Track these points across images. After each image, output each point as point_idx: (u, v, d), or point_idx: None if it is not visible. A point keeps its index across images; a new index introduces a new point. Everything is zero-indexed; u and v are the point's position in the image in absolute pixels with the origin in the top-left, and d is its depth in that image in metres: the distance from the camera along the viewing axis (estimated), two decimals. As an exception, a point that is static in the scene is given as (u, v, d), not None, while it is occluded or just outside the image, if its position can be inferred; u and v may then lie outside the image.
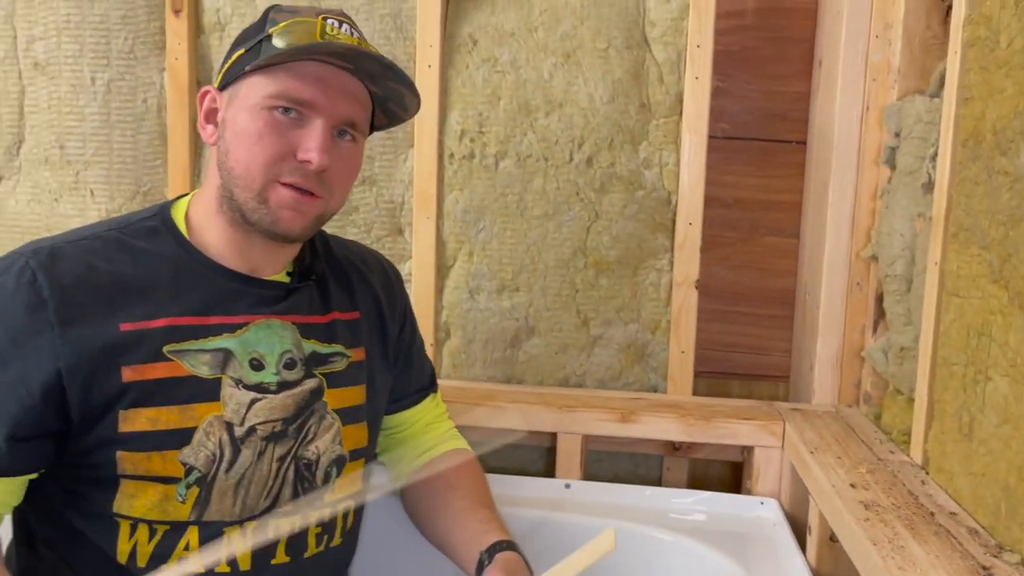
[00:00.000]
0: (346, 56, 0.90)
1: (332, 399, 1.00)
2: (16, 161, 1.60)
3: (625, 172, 1.48)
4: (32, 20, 1.55)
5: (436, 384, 1.24)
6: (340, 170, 0.94)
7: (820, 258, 1.43)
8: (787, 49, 1.54)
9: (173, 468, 0.89)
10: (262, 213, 0.91)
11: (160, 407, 0.88)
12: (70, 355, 0.85)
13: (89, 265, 0.89)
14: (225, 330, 0.93)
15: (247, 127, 0.90)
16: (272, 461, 0.95)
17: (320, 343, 1.01)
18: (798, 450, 1.23)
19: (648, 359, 1.52)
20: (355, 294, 1.09)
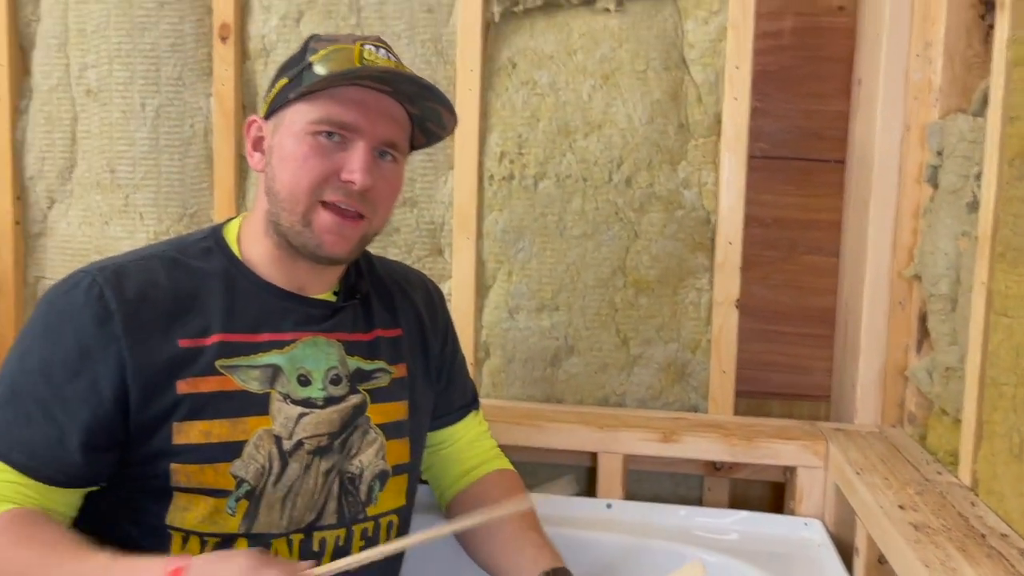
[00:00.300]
0: (384, 79, 0.93)
1: (375, 414, 1.03)
2: (69, 185, 1.64)
3: (664, 192, 1.48)
4: (85, 48, 1.60)
5: (478, 402, 1.25)
6: (382, 189, 0.97)
7: (861, 277, 1.43)
8: (825, 69, 1.54)
9: (225, 481, 0.92)
10: (307, 237, 0.94)
11: (212, 420, 0.92)
12: (134, 367, 0.89)
13: (150, 282, 0.93)
14: (274, 347, 0.97)
15: (292, 152, 0.94)
16: (318, 475, 0.97)
17: (363, 360, 1.04)
18: (843, 471, 1.22)
19: (688, 379, 1.52)
20: (397, 312, 1.11)
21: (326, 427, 0.98)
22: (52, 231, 1.66)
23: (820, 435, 1.37)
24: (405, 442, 1.07)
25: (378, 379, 1.05)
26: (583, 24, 1.49)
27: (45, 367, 0.89)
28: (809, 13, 1.53)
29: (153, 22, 1.57)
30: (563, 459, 1.50)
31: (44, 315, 0.92)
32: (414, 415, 1.09)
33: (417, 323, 1.13)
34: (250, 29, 1.57)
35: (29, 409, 0.88)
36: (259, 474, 0.94)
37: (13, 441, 0.88)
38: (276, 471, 0.95)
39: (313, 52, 0.96)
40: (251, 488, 0.93)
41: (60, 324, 0.90)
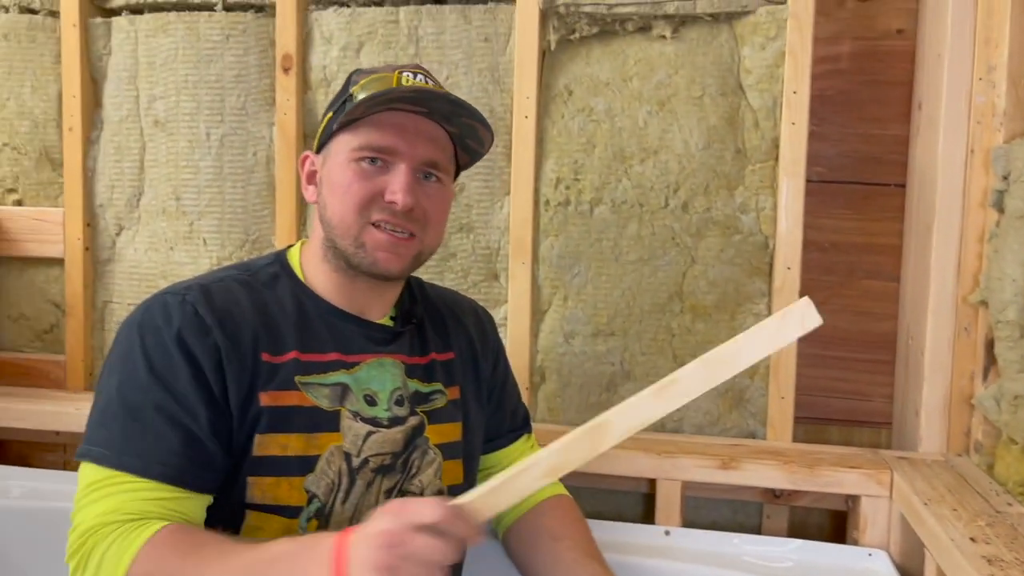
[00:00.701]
0: (415, 99, 0.96)
1: (433, 435, 1.05)
2: (136, 212, 1.69)
3: (721, 217, 1.48)
4: (153, 81, 1.65)
5: (530, 426, 1.26)
6: (429, 208, 1.00)
7: (924, 302, 1.41)
8: (884, 92, 1.53)
9: (297, 496, 0.95)
10: (362, 256, 0.98)
11: (290, 434, 0.95)
12: (232, 378, 0.93)
13: (232, 301, 0.98)
14: (342, 367, 1.00)
15: (339, 180, 0.98)
16: (380, 493, 1.00)
17: (421, 382, 1.07)
18: (909, 501, 1.20)
19: (746, 404, 1.51)
20: (449, 336, 1.14)
21: (390, 446, 1.01)
22: (120, 257, 1.71)
23: (884, 463, 1.34)
24: (459, 463, 1.09)
25: (435, 400, 1.08)
26: (639, 51, 1.50)
27: (160, 378, 0.90)
28: (867, 37, 1.53)
29: (218, 54, 1.62)
30: (620, 485, 1.49)
31: (139, 335, 0.93)
32: (468, 436, 1.11)
33: (468, 346, 1.16)
34: (311, 60, 1.61)
35: (155, 422, 0.89)
36: (329, 490, 0.96)
37: (150, 456, 0.88)
38: (344, 487, 0.97)
39: (355, 84, 1.01)
40: (321, 506, 0.96)
41: (162, 339, 0.92)
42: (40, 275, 1.76)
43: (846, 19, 1.53)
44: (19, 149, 1.73)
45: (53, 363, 1.74)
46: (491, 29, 1.54)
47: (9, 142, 1.73)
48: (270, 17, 1.62)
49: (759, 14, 1.45)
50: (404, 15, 1.56)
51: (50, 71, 1.72)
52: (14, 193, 1.75)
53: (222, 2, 1.62)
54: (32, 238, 1.72)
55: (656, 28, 1.48)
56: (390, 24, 1.57)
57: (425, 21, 1.56)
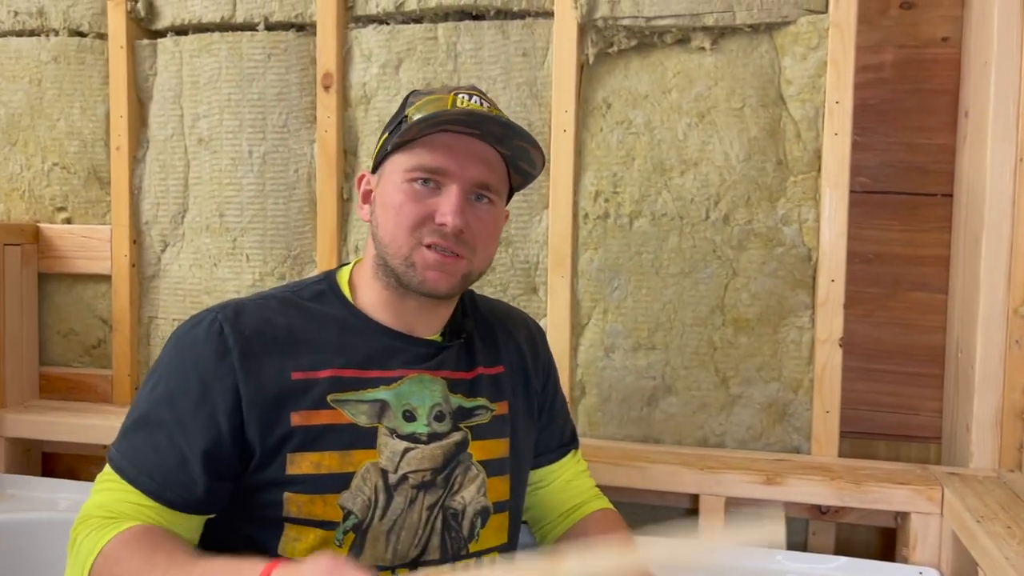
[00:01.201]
0: (468, 121, 0.96)
1: (476, 451, 1.05)
2: (180, 229, 1.72)
3: (763, 229, 1.47)
4: (197, 100, 1.69)
5: (577, 441, 1.25)
6: (479, 231, 1.00)
7: (974, 314, 1.38)
8: (929, 101, 1.51)
9: (333, 512, 0.95)
10: (411, 275, 0.98)
11: (323, 452, 0.96)
12: (250, 398, 0.94)
13: (266, 320, 0.99)
14: (382, 383, 1.01)
15: (392, 200, 0.99)
16: (422, 509, 0.99)
17: (465, 398, 1.06)
18: (961, 518, 1.17)
19: (790, 419, 1.48)
20: (499, 349, 1.13)
21: (429, 462, 1.00)
22: (165, 273, 1.74)
23: (934, 480, 1.31)
24: (506, 479, 1.08)
25: (479, 416, 1.07)
26: (677, 63, 1.50)
27: (170, 397, 0.95)
28: (911, 45, 1.50)
29: (260, 73, 1.65)
30: (662, 500, 1.48)
31: (172, 349, 0.99)
32: (515, 452, 1.10)
33: (519, 360, 1.15)
34: (351, 77, 1.63)
35: (156, 436, 0.94)
36: (365, 506, 0.97)
37: (142, 466, 0.94)
38: (382, 504, 0.97)
39: (411, 105, 1.02)
40: (358, 521, 0.96)
41: (184, 358, 0.97)
42: (88, 291, 1.79)
43: (889, 27, 1.51)
44: (68, 168, 1.78)
45: (100, 377, 1.78)
46: (529, 44, 1.54)
47: (59, 161, 1.78)
48: (311, 36, 1.64)
49: (800, 24, 1.43)
50: (443, 31, 1.57)
51: (98, 92, 1.76)
52: (64, 211, 1.79)
53: (264, 21, 1.65)
54: (81, 255, 1.76)
55: (695, 40, 1.48)
56: (429, 41, 1.58)
57: (463, 37, 1.57)
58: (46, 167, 1.79)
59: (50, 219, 1.80)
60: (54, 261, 1.78)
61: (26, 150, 1.80)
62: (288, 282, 1.14)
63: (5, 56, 1.80)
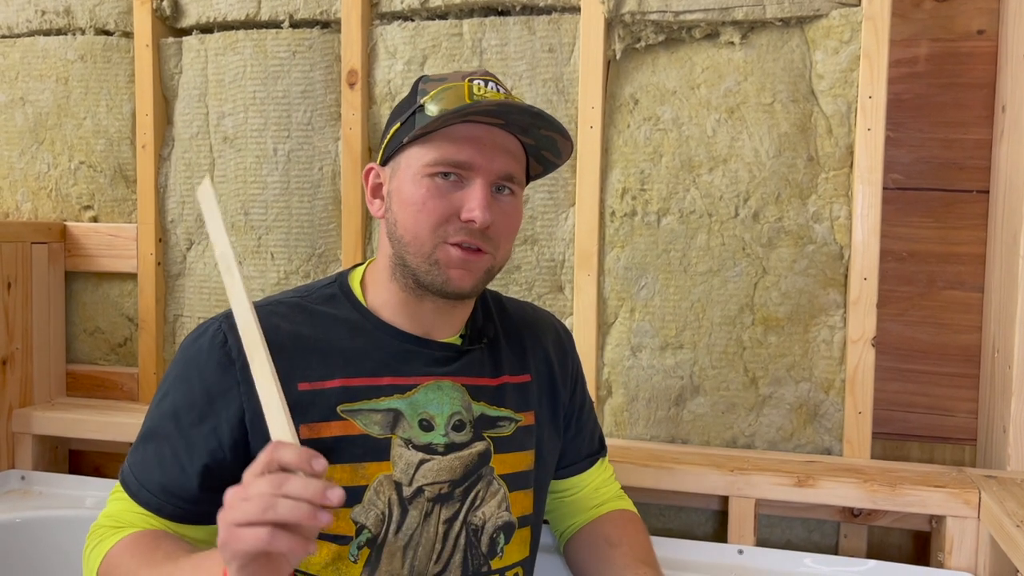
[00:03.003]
0: (496, 112, 0.92)
1: (499, 464, 1.01)
2: (205, 228, 1.72)
3: (794, 226, 1.44)
4: (223, 98, 1.69)
5: (605, 448, 1.23)
6: (503, 224, 0.96)
7: (1012, 313, 1.34)
8: (964, 95, 1.47)
9: (345, 527, 0.92)
10: (434, 275, 0.94)
11: (334, 465, 0.92)
12: (254, 411, 0.90)
13: (273, 326, 0.94)
14: (396, 391, 0.97)
15: (411, 196, 0.94)
16: (439, 524, 0.96)
17: (489, 406, 1.02)
18: (1000, 522, 1.14)
19: (821, 420, 1.46)
20: (527, 356, 1.09)
21: (447, 474, 0.97)
22: (190, 271, 1.74)
23: (971, 482, 1.28)
24: (529, 493, 1.04)
25: (503, 427, 1.03)
26: (706, 58, 1.47)
27: (175, 410, 0.94)
28: (946, 39, 1.47)
29: (285, 71, 1.64)
30: (690, 502, 1.46)
31: (178, 361, 0.97)
32: (540, 465, 1.06)
33: (547, 369, 1.11)
34: (376, 75, 1.62)
35: (162, 450, 0.94)
36: (379, 521, 0.94)
37: (144, 480, 0.94)
38: (396, 518, 0.94)
39: (423, 93, 0.96)
40: (372, 536, 0.93)
41: (189, 369, 0.95)
42: (115, 289, 1.80)
43: (923, 20, 1.48)
44: (95, 167, 1.78)
45: (127, 375, 1.78)
46: (555, 39, 1.53)
47: (86, 160, 1.78)
48: (335, 33, 1.64)
49: (832, 17, 1.40)
50: (468, 27, 1.56)
51: (124, 90, 1.76)
52: (90, 210, 1.80)
53: (289, 19, 1.64)
54: (107, 253, 1.77)
55: (724, 34, 1.45)
56: (454, 37, 1.57)
57: (489, 33, 1.55)
58: (73, 166, 1.79)
59: (77, 217, 1.81)
60: (81, 259, 1.79)
61: (53, 149, 1.81)
62: (303, 284, 1.09)
63: (32, 55, 1.81)
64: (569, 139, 0.97)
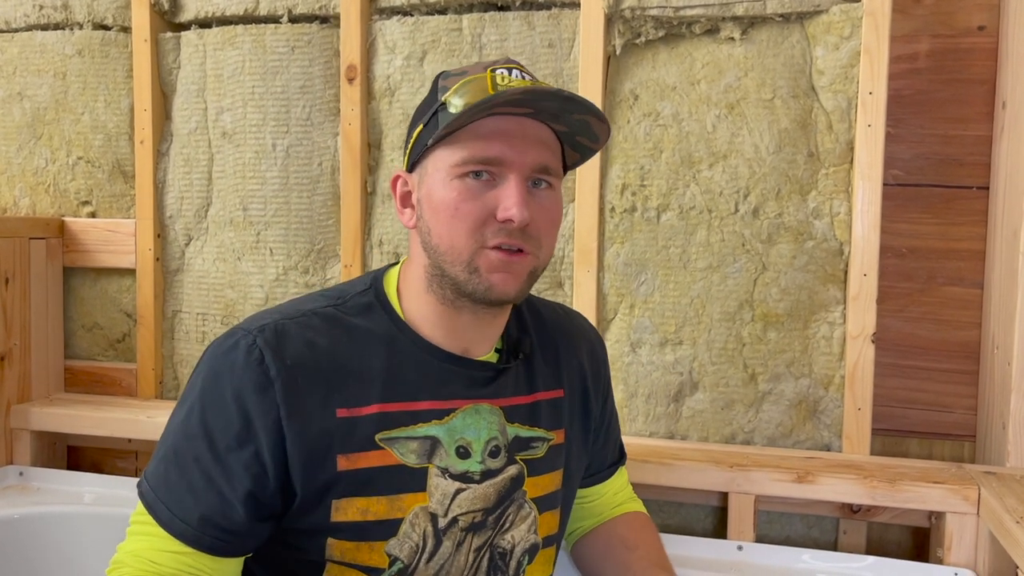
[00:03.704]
0: (523, 101, 0.85)
1: (531, 488, 0.98)
2: (204, 223, 1.72)
3: (794, 222, 1.44)
4: (221, 93, 1.68)
5: (625, 456, 1.22)
6: (543, 221, 0.89)
7: (1012, 309, 1.34)
8: (965, 91, 1.47)
9: (379, 559, 0.89)
10: (476, 283, 0.88)
11: (370, 497, 0.88)
12: (294, 438, 0.85)
13: (309, 343, 0.89)
14: (433, 416, 0.92)
15: (443, 201, 0.88)
16: (469, 551, 0.94)
17: (523, 427, 0.98)
18: (1000, 519, 1.14)
19: (821, 416, 1.45)
20: (561, 369, 1.04)
21: (481, 503, 0.93)
22: (189, 267, 1.74)
23: (970, 478, 1.28)
24: (556, 512, 1.02)
25: (535, 448, 0.99)
26: (706, 54, 1.47)
27: (207, 432, 0.86)
28: (946, 35, 1.47)
29: (284, 66, 1.64)
30: (690, 498, 1.46)
31: (207, 375, 0.88)
32: (567, 483, 1.04)
33: (580, 382, 1.07)
34: (375, 70, 1.62)
35: (191, 475, 0.86)
36: (413, 552, 0.90)
37: (177, 510, 0.85)
38: (430, 548, 0.91)
39: (444, 90, 0.90)
40: (404, 567, 0.90)
41: (222, 387, 0.86)
42: (113, 285, 1.80)
43: (924, 16, 1.48)
44: (93, 162, 1.78)
45: (125, 371, 1.78)
46: (555, 35, 1.52)
47: (84, 155, 1.78)
48: (334, 28, 1.63)
49: (832, 13, 1.40)
50: (467, 23, 1.56)
51: (122, 85, 1.76)
52: (88, 205, 1.79)
53: (288, 14, 1.64)
54: (105, 249, 1.76)
55: (724, 30, 1.45)
56: (453, 32, 1.56)
57: (488, 28, 1.55)
58: (71, 161, 1.79)
59: (75, 213, 1.80)
60: (79, 255, 1.78)
61: (51, 144, 1.80)
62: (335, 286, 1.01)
63: (30, 50, 1.80)
64: (605, 120, 0.89)
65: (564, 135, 0.92)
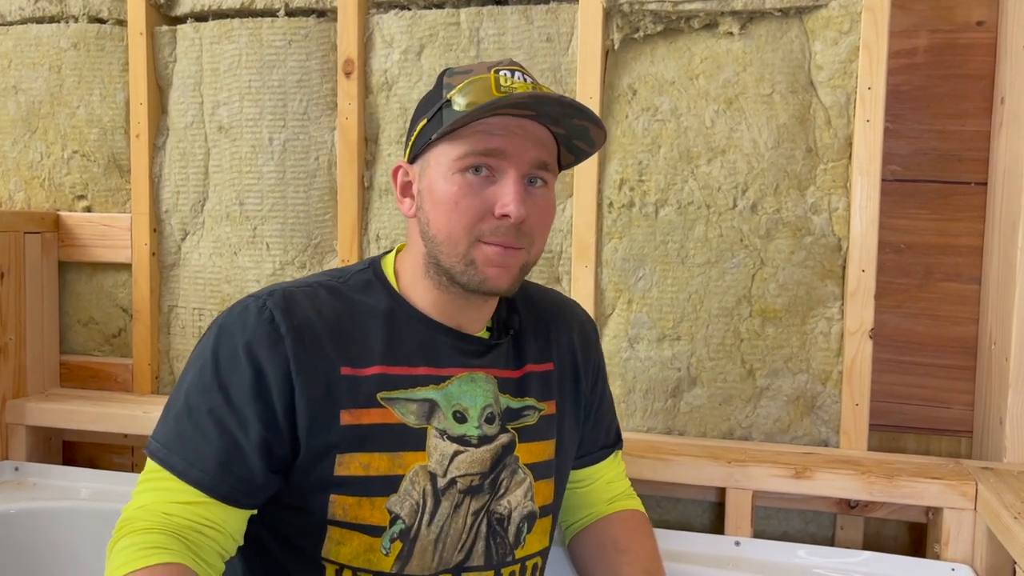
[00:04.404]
0: (527, 105, 0.90)
1: (523, 454, 1.01)
2: (200, 217, 1.71)
3: (792, 218, 1.44)
4: (218, 87, 1.67)
5: (621, 441, 1.22)
6: (537, 218, 0.94)
7: (1009, 305, 1.34)
8: (963, 87, 1.47)
9: (380, 516, 0.92)
10: (470, 275, 0.92)
11: (372, 453, 0.92)
12: (302, 391, 0.89)
13: (315, 309, 0.94)
14: (431, 381, 0.96)
15: (443, 194, 0.92)
16: (467, 515, 0.96)
17: (513, 398, 1.02)
18: (997, 514, 1.14)
19: (818, 411, 1.45)
20: (551, 344, 1.08)
21: (478, 466, 0.96)
22: (185, 262, 1.73)
23: (967, 474, 1.28)
24: (551, 482, 1.04)
25: (527, 417, 1.02)
26: (705, 48, 1.46)
27: (222, 384, 0.89)
28: (945, 30, 1.47)
29: (281, 59, 1.63)
30: (687, 494, 1.46)
31: (217, 336, 0.92)
32: (560, 454, 1.06)
33: (571, 359, 1.10)
34: (373, 64, 1.61)
35: (205, 426, 0.88)
36: (413, 511, 0.93)
37: (192, 459, 0.87)
38: (429, 509, 0.94)
39: (449, 88, 0.94)
40: (405, 528, 0.93)
41: (235, 343, 0.90)
42: (108, 280, 1.79)
43: (922, 11, 1.48)
44: (88, 156, 1.77)
45: (121, 366, 1.77)
46: (553, 29, 1.52)
47: (79, 149, 1.77)
48: (331, 22, 1.62)
49: (831, 8, 1.40)
50: (465, 17, 1.55)
51: (118, 79, 1.75)
52: (84, 200, 1.78)
53: (284, 7, 1.63)
54: (101, 243, 1.76)
55: (723, 24, 1.45)
56: (451, 26, 1.56)
57: (486, 22, 1.54)
58: (66, 155, 1.78)
59: (70, 207, 1.79)
60: (74, 249, 1.78)
61: (46, 138, 1.79)
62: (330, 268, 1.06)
63: (25, 43, 1.79)
64: (602, 127, 0.94)
65: (562, 137, 0.97)
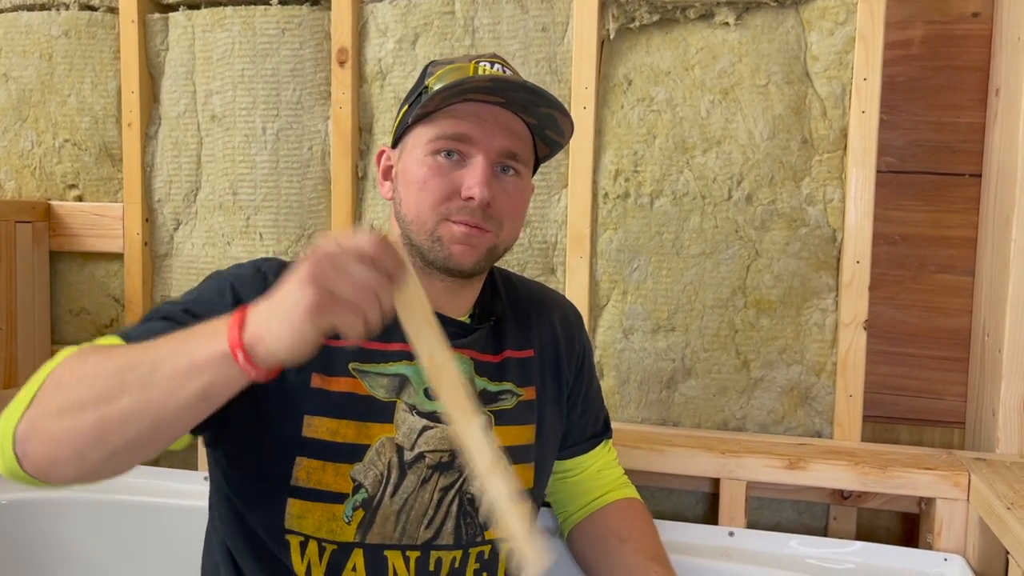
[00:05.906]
0: (492, 88, 0.91)
1: (500, 436, 1.01)
2: (193, 207, 1.70)
3: (787, 209, 1.44)
4: (210, 76, 1.66)
5: (610, 430, 1.22)
6: (505, 204, 0.96)
7: (1002, 297, 1.35)
8: (959, 78, 1.47)
9: (343, 483, 0.93)
10: (437, 251, 0.94)
11: (340, 419, 0.93)
12: None
13: None
14: (404, 357, 0.97)
15: (414, 174, 0.95)
16: (435, 491, 0.97)
17: (491, 381, 1.03)
18: (990, 505, 1.14)
19: (812, 403, 1.46)
20: (532, 331, 1.09)
21: (449, 443, 0.97)
22: (178, 252, 1.72)
23: (960, 465, 1.29)
24: (530, 467, 1.05)
25: (504, 401, 1.03)
26: (701, 39, 1.46)
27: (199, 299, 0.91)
28: (941, 21, 1.47)
29: (274, 48, 1.62)
30: (682, 484, 1.46)
31: (208, 276, 0.98)
32: (541, 440, 1.06)
33: (552, 345, 1.11)
34: (367, 53, 1.60)
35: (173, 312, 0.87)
36: (377, 481, 0.94)
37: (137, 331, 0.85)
38: (394, 480, 0.95)
39: (430, 76, 0.98)
40: (368, 496, 0.94)
41: (222, 280, 0.94)
42: (100, 270, 1.78)
43: (918, 2, 1.47)
44: (80, 145, 1.75)
45: (113, 357, 1.76)
46: (548, 19, 1.51)
47: (70, 138, 1.76)
48: (325, 10, 1.61)
49: (827, -2, 1.40)
50: (460, 6, 1.54)
51: (109, 67, 1.73)
52: (75, 189, 1.77)
53: (278, -4, 1.62)
54: (92, 233, 1.74)
55: (719, 15, 1.44)
56: (446, 15, 1.55)
57: (481, 11, 1.53)
58: (57, 144, 1.76)
59: (61, 196, 1.78)
60: (65, 239, 1.76)
61: (37, 126, 1.78)
62: None
63: (15, 31, 1.77)
64: (568, 116, 0.96)
65: (534, 128, 0.98)
